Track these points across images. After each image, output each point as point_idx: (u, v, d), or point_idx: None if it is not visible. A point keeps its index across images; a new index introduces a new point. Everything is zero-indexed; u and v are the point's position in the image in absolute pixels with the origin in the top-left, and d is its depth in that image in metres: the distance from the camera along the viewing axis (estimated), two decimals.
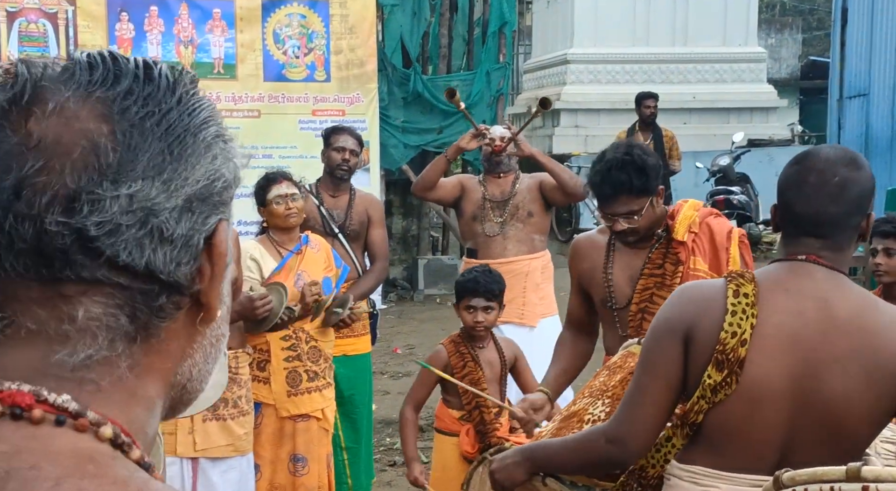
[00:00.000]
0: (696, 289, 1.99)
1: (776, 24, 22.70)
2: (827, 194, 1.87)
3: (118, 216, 0.72)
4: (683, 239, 2.98)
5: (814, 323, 1.82)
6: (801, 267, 1.88)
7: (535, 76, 16.70)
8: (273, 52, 8.54)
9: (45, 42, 8.04)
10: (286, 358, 4.02)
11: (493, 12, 9.45)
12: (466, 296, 3.77)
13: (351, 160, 4.71)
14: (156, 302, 0.75)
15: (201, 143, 0.78)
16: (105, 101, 0.75)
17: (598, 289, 3.09)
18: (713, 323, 1.86)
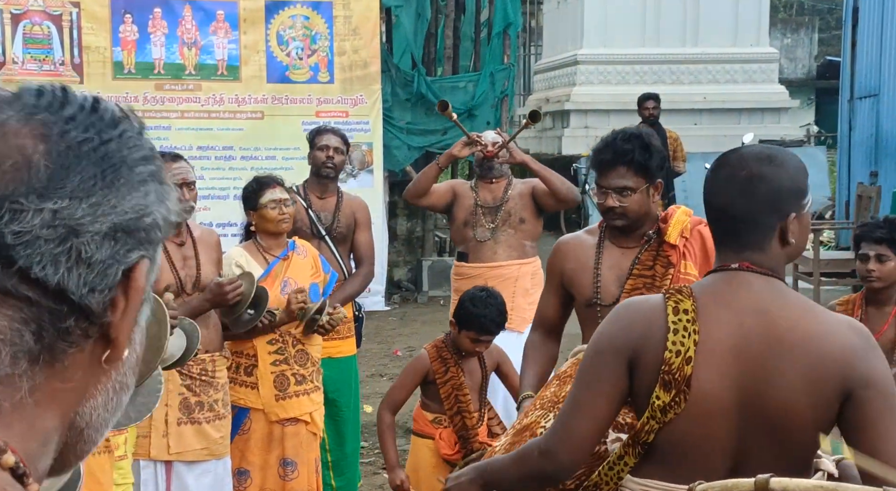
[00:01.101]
0: (636, 307, 1.95)
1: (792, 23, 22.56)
2: (733, 188, 1.84)
3: (38, 229, 0.72)
4: (675, 242, 2.96)
5: (755, 335, 1.80)
6: (737, 276, 1.85)
7: (546, 77, 16.66)
8: (276, 54, 8.56)
9: (49, 44, 8.09)
10: (273, 362, 4.02)
11: (498, 13, 9.43)
12: (475, 330, 3.76)
13: (335, 158, 4.70)
14: (63, 323, 0.74)
15: (136, 176, 0.79)
16: (46, 123, 0.76)
17: (584, 288, 3.05)
18: (657, 343, 1.83)
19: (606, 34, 14.60)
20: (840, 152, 11.37)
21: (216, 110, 8.45)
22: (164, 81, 8.37)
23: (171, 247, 3.70)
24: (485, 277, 4.97)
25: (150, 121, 8.33)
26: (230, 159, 8.50)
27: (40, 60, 8.10)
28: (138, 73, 8.30)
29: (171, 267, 3.68)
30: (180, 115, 8.40)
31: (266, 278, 4.01)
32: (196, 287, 3.72)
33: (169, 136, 8.36)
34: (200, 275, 3.74)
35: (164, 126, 8.37)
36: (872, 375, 1.78)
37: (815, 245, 8.59)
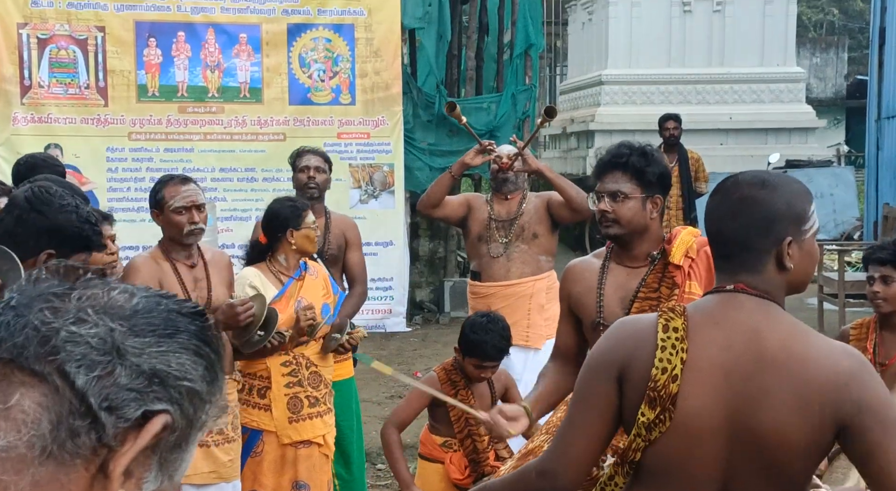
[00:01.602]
0: (629, 324, 1.96)
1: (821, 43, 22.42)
2: (727, 211, 1.86)
3: (91, 337, 0.82)
4: (680, 263, 2.93)
5: (744, 355, 1.79)
6: (732, 298, 1.85)
7: (571, 97, 16.66)
8: (298, 76, 8.63)
9: (74, 68, 8.21)
10: (287, 384, 4.01)
11: (519, 35, 9.44)
12: (477, 357, 3.74)
13: (317, 177, 4.70)
14: (79, 422, 0.81)
15: (193, 347, 0.88)
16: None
17: (589, 310, 3.02)
18: (645, 359, 1.83)
19: (631, 54, 14.59)
20: (868, 172, 11.25)
21: (238, 132, 8.53)
22: (188, 104, 8.45)
23: (182, 269, 3.72)
24: (499, 295, 4.94)
25: (172, 143, 8.43)
26: (252, 181, 8.56)
27: (66, 84, 8.22)
28: (162, 96, 8.39)
29: (182, 289, 3.70)
30: (203, 137, 8.48)
31: (281, 299, 4.01)
32: (207, 309, 3.73)
33: (191, 158, 8.44)
34: (212, 297, 3.75)
35: (187, 148, 8.45)
36: (867, 401, 1.74)
37: (841, 266, 8.49)
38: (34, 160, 4.26)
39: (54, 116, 8.20)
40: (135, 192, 8.27)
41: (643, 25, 14.50)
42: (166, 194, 3.68)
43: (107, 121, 8.29)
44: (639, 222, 2.90)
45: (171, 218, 3.66)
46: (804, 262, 1.87)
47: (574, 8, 16.82)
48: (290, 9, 8.55)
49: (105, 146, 8.28)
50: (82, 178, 8.09)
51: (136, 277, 3.62)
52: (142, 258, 3.73)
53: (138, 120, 8.34)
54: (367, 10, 8.63)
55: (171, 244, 3.74)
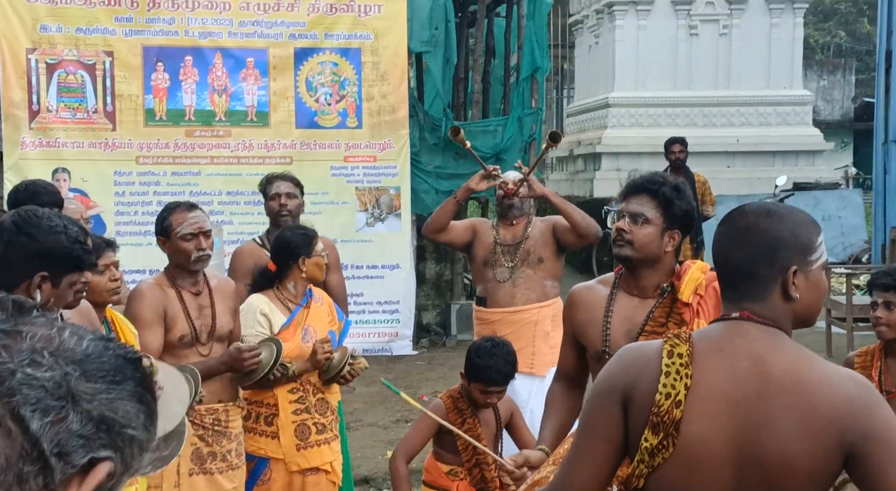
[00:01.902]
0: (635, 350, 1.96)
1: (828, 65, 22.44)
2: (731, 240, 1.87)
3: (46, 380, 0.83)
4: (689, 300, 2.90)
5: (748, 382, 1.79)
6: (737, 326, 1.85)
7: (578, 120, 16.69)
8: (305, 100, 8.66)
9: (82, 92, 8.25)
10: (294, 411, 4.00)
11: (526, 58, 9.47)
12: (482, 382, 3.73)
13: (289, 204, 4.70)
14: (28, 466, 0.81)
15: (138, 395, 0.90)
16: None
17: (593, 339, 2.99)
18: (649, 385, 1.83)
19: (638, 77, 14.62)
20: (875, 196, 11.22)
21: (245, 156, 8.55)
22: (195, 128, 8.48)
23: (187, 296, 3.71)
24: (504, 321, 4.92)
25: (180, 167, 8.46)
26: (259, 204, 8.44)
27: (74, 109, 8.26)
28: (169, 120, 8.43)
29: (186, 316, 3.69)
30: (210, 160, 8.50)
31: (289, 327, 4.01)
32: (211, 336, 3.73)
33: (199, 181, 8.47)
34: (216, 324, 3.74)
35: (194, 172, 8.47)
36: (874, 427, 1.73)
37: (848, 289, 8.45)
38: (35, 187, 4.27)
39: (62, 141, 8.24)
40: (142, 216, 8.29)
41: (650, 48, 14.54)
42: (173, 221, 3.68)
43: (114, 145, 8.32)
44: (652, 250, 2.88)
45: (178, 245, 3.67)
46: (811, 292, 1.86)
47: (581, 31, 16.88)
48: (298, 33, 8.59)
49: (112, 170, 8.31)
50: (89, 203, 8.11)
51: (141, 303, 3.61)
52: (147, 284, 3.73)
53: (146, 144, 8.37)
54: (373, 35, 8.67)
55: (176, 271, 3.74)
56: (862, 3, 31.98)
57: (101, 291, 3.17)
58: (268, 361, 3.69)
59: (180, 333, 3.67)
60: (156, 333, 3.59)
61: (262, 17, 8.49)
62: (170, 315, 3.66)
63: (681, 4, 14.66)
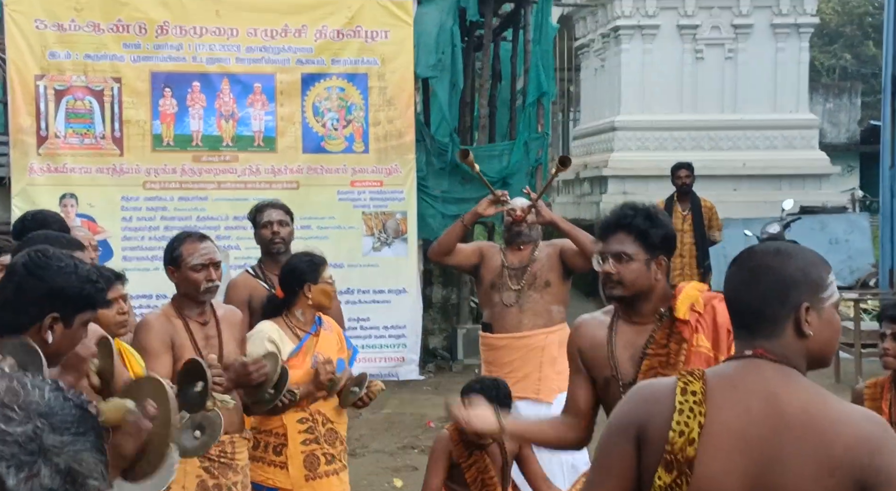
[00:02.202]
0: (649, 387, 1.96)
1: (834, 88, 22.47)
2: (741, 280, 1.89)
3: (20, 436, 0.85)
4: (685, 317, 2.92)
5: (762, 420, 1.78)
6: (750, 364, 1.85)
7: (584, 143, 16.71)
8: (312, 125, 8.68)
9: (90, 118, 8.30)
10: (303, 441, 3.99)
11: (532, 83, 9.50)
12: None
13: (282, 232, 4.69)
14: None
15: (96, 444, 0.92)
16: None
17: (601, 368, 3.00)
18: (663, 422, 1.83)
19: (644, 101, 14.65)
20: (882, 220, 11.19)
21: (252, 181, 8.57)
22: (202, 153, 8.51)
23: (194, 326, 3.71)
24: (511, 347, 4.90)
25: (187, 192, 8.48)
26: None
27: (81, 134, 8.30)
28: (177, 146, 8.46)
29: (193, 346, 3.69)
30: (217, 185, 8.52)
31: (297, 354, 4.00)
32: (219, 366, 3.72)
33: (206, 206, 8.48)
34: (223, 354, 3.74)
35: (201, 197, 8.49)
36: (889, 467, 1.72)
37: (856, 315, 8.42)
38: (43, 216, 4.29)
39: (70, 166, 8.26)
40: (149, 241, 8.31)
41: (656, 72, 14.58)
42: (184, 252, 3.68)
43: (122, 170, 8.35)
44: (643, 284, 2.89)
45: (188, 275, 3.67)
46: (824, 330, 1.86)
47: (587, 54, 16.94)
48: (305, 59, 8.63)
49: (120, 195, 8.34)
50: (97, 228, 8.13)
51: (148, 333, 3.61)
52: (154, 316, 3.73)
53: (153, 169, 8.40)
54: (380, 60, 8.70)
55: (184, 301, 3.74)
56: (867, 26, 32.06)
57: (109, 323, 3.17)
58: (273, 372, 3.68)
59: None
60: (164, 363, 3.58)
61: (270, 43, 8.54)
62: (177, 345, 3.66)
63: (686, 29, 14.70)
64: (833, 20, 30.76)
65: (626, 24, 14.72)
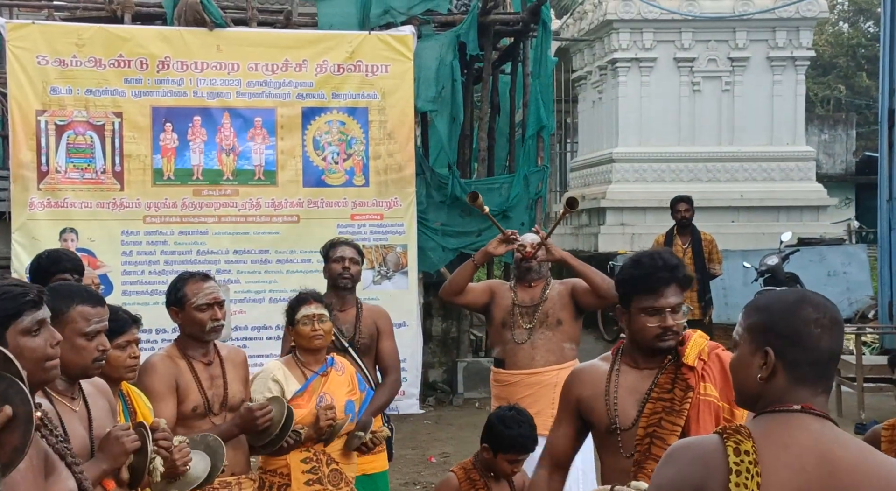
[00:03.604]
0: (695, 448, 1.92)
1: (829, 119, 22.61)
2: (832, 330, 1.89)
3: None
4: (693, 364, 2.91)
5: (816, 479, 1.79)
6: (795, 419, 1.85)
7: (582, 174, 16.77)
8: (313, 159, 8.70)
9: (91, 153, 8.30)
10: (307, 481, 3.95)
11: (531, 117, 9.54)
12: (514, 452, 3.72)
13: (352, 269, 4.73)
14: None
15: None
16: None
17: (601, 414, 2.98)
18: (719, 485, 1.81)
19: (642, 132, 14.73)
20: (881, 252, 11.22)
21: (253, 214, 8.57)
22: (203, 187, 8.52)
23: (198, 367, 3.69)
24: (523, 383, 4.89)
25: (187, 225, 8.47)
26: (266, 262, 8.57)
27: (82, 169, 8.30)
28: (177, 180, 8.47)
29: (198, 387, 3.67)
30: (217, 219, 8.52)
31: (303, 394, 3.97)
32: (224, 406, 3.71)
33: (206, 240, 8.48)
34: (228, 394, 3.72)
35: (202, 231, 8.49)
36: None
37: (858, 348, 8.41)
38: (58, 254, 4.36)
39: (70, 201, 8.26)
40: (149, 276, 8.29)
41: (653, 104, 14.66)
42: (188, 292, 3.68)
43: (122, 204, 8.34)
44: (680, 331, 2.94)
45: (193, 315, 3.66)
46: None
47: (584, 86, 17.04)
48: (305, 93, 8.66)
49: (120, 230, 8.33)
50: (97, 262, 8.11)
51: (153, 376, 3.60)
52: (158, 357, 3.71)
53: (153, 203, 8.40)
54: (380, 94, 8.74)
55: (188, 341, 3.73)
56: (860, 58, 32.32)
57: (119, 367, 3.15)
58: (279, 416, 3.66)
59: (193, 404, 3.64)
60: (169, 405, 3.57)
61: (271, 78, 8.57)
62: (182, 386, 3.64)
63: (683, 61, 14.81)
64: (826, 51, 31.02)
65: (623, 57, 14.83)
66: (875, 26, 32.01)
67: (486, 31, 9.59)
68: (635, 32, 14.78)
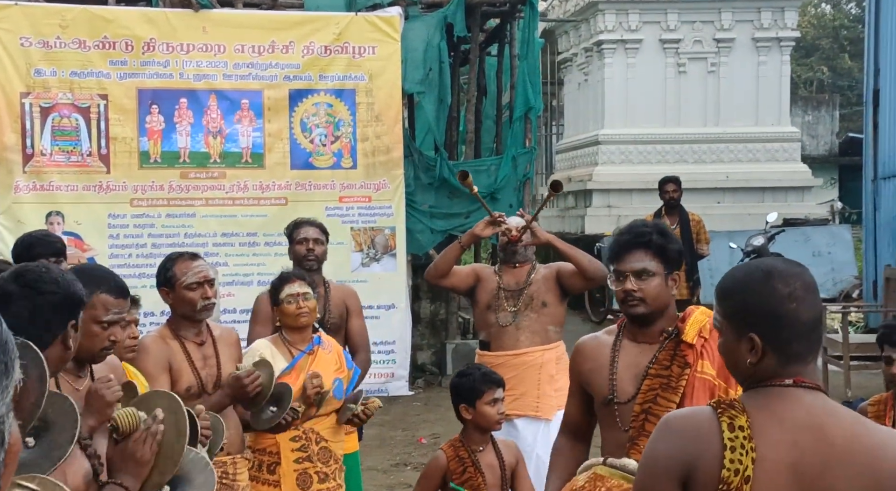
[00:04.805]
0: (688, 421, 1.91)
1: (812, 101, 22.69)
2: (789, 299, 1.85)
3: None
4: (693, 342, 2.91)
5: (811, 453, 1.79)
6: (788, 393, 1.85)
7: (568, 156, 16.78)
8: (300, 141, 8.67)
9: (76, 136, 8.24)
10: (296, 459, 3.97)
11: (519, 98, 9.53)
12: (486, 390, 3.75)
13: (316, 249, 4.71)
14: None
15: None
16: None
17: (600, 386, 3.00)
18: (713, 460, 1.81)
19: (628, 114, 14.74)
20: (866, 232, 11.29)
21: (240, 197, 8.54)
22: (190, 170, 8.47)
23: (191, 347, 3.69)
24: (508, 365, 4.90)
25: (174, 208, 8.43)
26: (254, 245, 8.55)
27: (68, 152, 8.24)
28: (164, 162, 8.42)
29: (191, 367, 3.66)
30: (205, 202, 8.48)
31: (290, 372, 3.98)
32: (217, 386, 3.70)
33: (193, 223, 8.44)
34: (221, 374, 3.72)
35: (189, 214, 8.45)
36: None
37: (844, 327, 8.47)
38: (31, 239, 4.28)
39: (56, 184, 8.20)
40: (136, 259, 8.25)
41: (639, 86, 14.67)
42: (177, 271, 3.66)
43: (109, 187, 8.29)
44: (663, 300, 2.91)
45: (183, 295, 3.65)
46: None
47: (570, 68, 17.02)
48: (292, 75, 8.62)
49: (107, 213, 8.28)
50: (83, 246, 8.07)
51: (145, 357, 3.58)
52: (150, 338, 3.70)
53: (140, 186, 8.35)
54: (368, 76, 8.70)
55: (180, 322, 3.71)
56: (843, 40, 32.44)
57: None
58: (268, 381, 3.67)
59: (186, 384, 3.64)
60: (163, 386, 3.56)
61: (257, 60, 8.52)
62: (175, 367, 3.64)
63: (669, 43, 14.82)
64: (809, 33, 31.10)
65: (608, 38, 14.82)
66: (857, 8, 32.13)
67: (473, 12, 9.55)
68: (621, 14, 14.77)
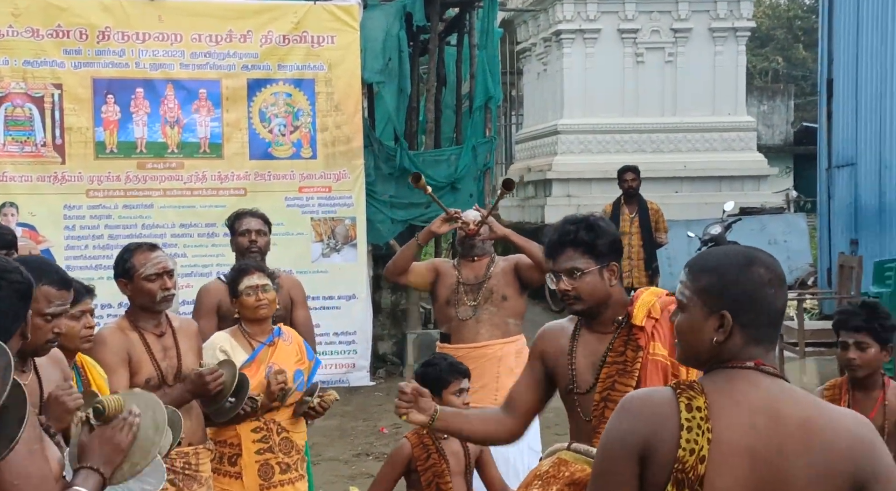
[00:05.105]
0: (647, 401, 1.92)
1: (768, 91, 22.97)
2: (757, 283, 1.88)
3: None
4: (642, 324, 2.94)
5: (766, 436, 1.82)
6: (746, 375, 1.87)
7: (527, 146, 16.84)
8: (259, 131, 8.60)
9: (31, 126, 8.10)
10: (258, 450, 3.97)
11: (479, 88, 9.54)
12: (452, 381, 3.77)
13: (259, 241, 4.69)
14: None
15: None
16: None
17: (562, 375, 3.02)
18: (669, 440, 1.83)
19: (587, 104, 14.81)
20: (820, 220, 11.47)
21: (199, 188, 8.46)
22: (147, 160, 8.37)
23: (150, 338, 3.66)
24: (468, 357, 4.91)
25: (132, 199, 8.34)
26: (213, 236, 8.46)
27: (22, 142, 8.10)
28: (120, 153, 8.31)
29: (150, 358, 3.64)
30: (163, 193, 8.39)
31: (251, 364, 3.97)
32: (177, 378, 3.69)
33: (151, 214, 8.35)
34: (181, 365, 3.70)
35: (147, 204, 8.36)
36: (880, 468, 1.82)
37: (800, 315, 8.60)
38: None
39: (10, 175, 8.07)
40: (93, 250, 8.15)
41: (597, 76, 14.75)
42: (136, 262, 3.63)
43: (64, 178, 8.17)
44: (601, 294, 2.92)
45: (142, 286, 3.62)
46: None
47: (529, 58, 17.06)
48: (250, 64, 8.54)
49: (62, 204, 8.16)
50: (38, 237, 7.95)
51: (103, 348, 3.55)
52: (109, 329, 3.67)
53: (96, 177, 8.24)
54: (326, 65, 8.66)
55: (139, 313, 3.69)
56: (797, 30, 32.84)
57: (75, 337, 3.11)
58: (230, 380, 3.66)
59: (146, 376, 3.61)
60: (121, 378, 3.54)
61: (215, 49, 8.43)
62: (134, 359, 3.61)
63: (627, 33, 14.91)
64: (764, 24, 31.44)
65: (567, 28, 14.87)
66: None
67: (432, 1, 9.54)
68: (579, 3, 14.82)
